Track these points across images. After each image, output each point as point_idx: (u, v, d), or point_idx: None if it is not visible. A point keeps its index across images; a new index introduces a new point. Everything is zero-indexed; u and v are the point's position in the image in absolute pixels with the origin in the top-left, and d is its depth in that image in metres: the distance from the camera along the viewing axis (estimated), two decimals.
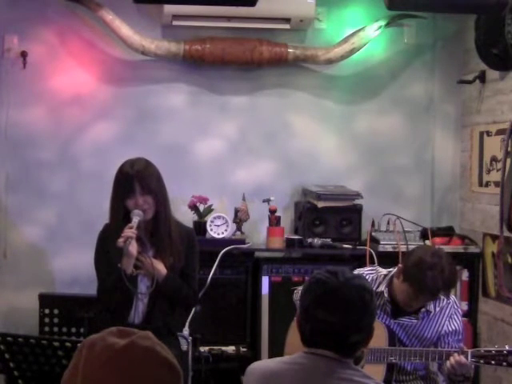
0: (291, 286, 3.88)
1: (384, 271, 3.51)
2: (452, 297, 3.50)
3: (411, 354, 3.31)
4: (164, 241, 3.52)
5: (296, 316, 3.54)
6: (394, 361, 3.33)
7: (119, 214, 3.50)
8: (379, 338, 3.19)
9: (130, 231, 3.36)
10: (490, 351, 3.24)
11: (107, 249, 3.52)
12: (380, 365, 3.33)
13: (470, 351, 3.26)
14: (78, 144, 4.81)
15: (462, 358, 3.20)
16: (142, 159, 3.56)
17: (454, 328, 3.44)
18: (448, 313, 3.44)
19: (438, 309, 3.42)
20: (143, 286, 3.54)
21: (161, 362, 1.51)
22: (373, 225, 4.72)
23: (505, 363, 3.21)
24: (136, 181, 3.45)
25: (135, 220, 3.41)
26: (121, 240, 3.35)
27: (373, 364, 3.25)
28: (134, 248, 3.39)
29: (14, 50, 4.69)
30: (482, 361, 3.24)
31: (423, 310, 3.40)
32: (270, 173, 4.93)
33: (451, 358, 3.22)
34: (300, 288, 3.62)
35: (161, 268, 3.49)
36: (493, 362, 3.23)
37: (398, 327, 3.41)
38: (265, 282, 4.55)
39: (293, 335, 3.60)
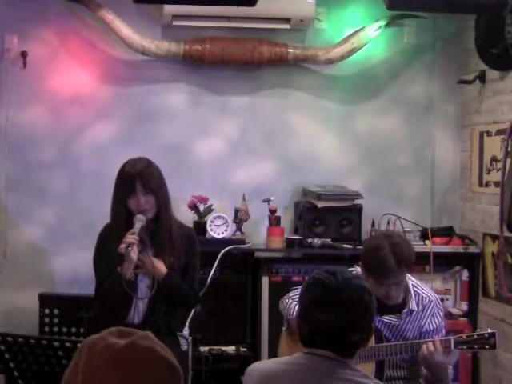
0: (291, 286, 3.87)
1: None
2: (434, 295, 3.50)
3: (397, 349, 3.30)
4: (164, 240, 3.52)
5: (287, 323, 3.55)
6: (382, 358, 3.33)
7: (121, 214, 3.50)
8: None
9: (131, 237, 3.36)
10: (472, 336, 3.24)
11: (107, 249, 3.51)
12: (369, 363, 3.32)
13: (452, 338, 3.25)
14: (78, 144, 4.81)
15: (437, 345, 3.20)
16: (143, 159, 3.57)
17: (435, 326, 3.43)
18: (430, 311, 3.44)
19: (420, 307, 3.42)
20: (143, 285, 3.54)
21: (161, 361, 1.51)
22: (373, 225, 4.72)
23: (487, 346, 3.20)
24: (137, 180, 3.45)
25: (137, 226, 3.41)
26: (122, 246, 3.35)
27: (361, 363, 3.24)
28: (135, 254, 3.39)
29: (13, 50, 4.68)
30: (465, 346, 3.24)
31: (406, 310, 3.41)
32: (269, 173, 4.93)
33: (424, 347, 3.22)
34: (285, 297, 3.62)
35: (161, 267, 3.49)
36: (476, 347, 3.22)
37: (382, 325, 3.41)
38: (265, 281, 4.55)
39: (283, 346, 3.59)
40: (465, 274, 4.67)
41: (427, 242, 4.60)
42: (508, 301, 4.28)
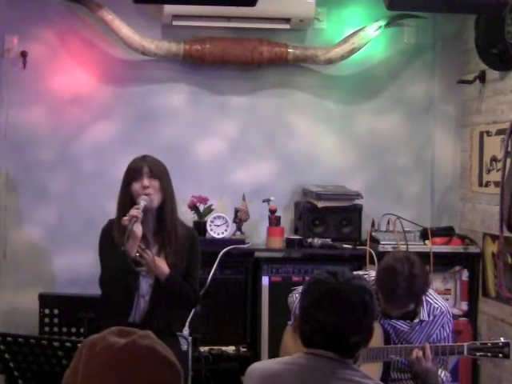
0: (291, 286, 3.88)
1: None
2: (446, 306, 3.49)
3: (407, 351, 3.30)
4: (170, 236, 3.51)
5: (294, 318, 3.55)
6: (391, 359, 3.33)
7: (126, 202, 3.48)
8: (375, 337, 3.20)
9: (135, 211, 3.35)
10: (486, 344, 3.26)
11: (111, 240, 3.47)
12: (376, 364, 3.32)
13: (466, 344, 3.27)
14: (78, 144, 4.80)
15: (427, 352, 3.21)
16: (151, 155, 3.62)
17: (444, 337, 3.44)
18: (440, 322, 3.43)
19: (431, 317, 3.42)
20: (145, 284, 3.54)
21: (161, 361, 1.51)
22: (373, 225, 4.72)
23: (501, 355, 3.23)
24: (144, 165, 3.50)
25: (142, 204, 3.40)
26: (126, 218, 3.34)
27: (369, 363, 3.25)
28: (138, 230, 3.37)
29: (13, 50, 4.69)
30: (478, 354, 3.25)
31: (417, 320, 3.41)
32: (270, 173, 4.93)
33: (413, 352, 3.23)
34: (295, 292, 3.63)
35: (163, 266, 3.48)
36: (489, 355, 3.24)
37: (390, 328, 3.41)
38: (265, 282, 4.55)
39: (288, 340, 3.59)
40: (465, 274, 4.67)
41: (427, 241, 4.60)
42: (508, 301, 4.28)
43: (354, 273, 3.46)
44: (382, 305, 3.31)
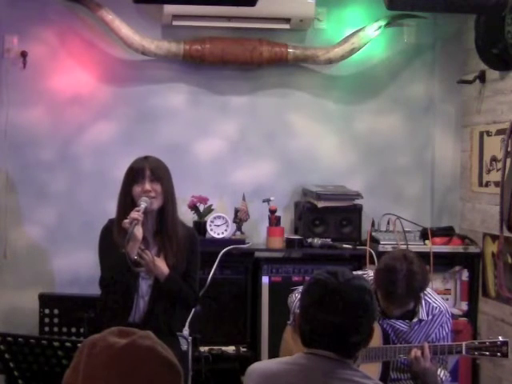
0: (291, 286, 3.88)
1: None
2: (445, 305, 3.49)
3: (405, 351, 3.30)
4: (170, 237, 3.50)
5: (293, 317, 3.56)
6: (389, 359, 3.33)
7: (126, 203, 3.48)
8: (374, 337, 3.20)
9: (136, 214, 3.35)
10: (484, 343, 3.26)
11: (111, 241, 3.47)
12: (375, 364, 3.32)
13: (464, 343, 3.27)
14: (78, 144, 4.80)
15: (425, 352, 3.21)
16: (153, 156, 3.61)
17: (443, 336, 3.44)
18: (439, 321, 3.44)
19: (430, 316, 3.42)
20: (144, 284, 3.54)
21: (161, 361, 1.51)
22: (373, 225, 4.72)
23: (499, 354, 3.23)
24: (146, 167, 3.49)
25: (142, 206, 3.40)
26: (126, 221, 3.34)
27: (369, 363, 3.25)
28: (139, 232, 3.37)
29: (13, 50, 4.69)
30: (476, 353, 3.25)
31: (415, 320, 3.41)
32: (269, 173, 4.93)
33: (412, 352, 3.23)
34: (295, 292, 3.63)
35: (163, 266, 3.47)
36: (487, 353, 3.25)
37: (389, 328, 3.41)
38: (265, 282, 4.55)
39: (288, 340, 3.59)
40: (465, 274, 4.67)
41: (427, 241, 4.60)
42: (508, 301, 4.28)
43: (354, 273, 3.49)
44: (382, 304, 3.31)
